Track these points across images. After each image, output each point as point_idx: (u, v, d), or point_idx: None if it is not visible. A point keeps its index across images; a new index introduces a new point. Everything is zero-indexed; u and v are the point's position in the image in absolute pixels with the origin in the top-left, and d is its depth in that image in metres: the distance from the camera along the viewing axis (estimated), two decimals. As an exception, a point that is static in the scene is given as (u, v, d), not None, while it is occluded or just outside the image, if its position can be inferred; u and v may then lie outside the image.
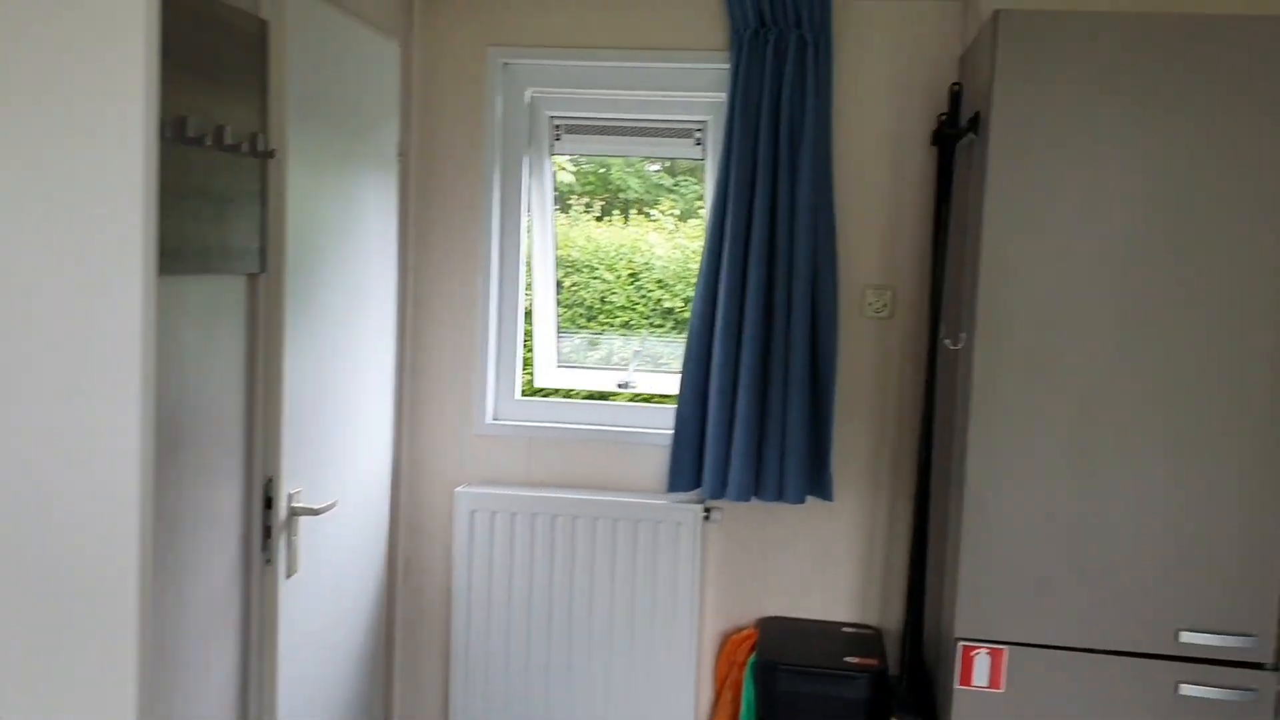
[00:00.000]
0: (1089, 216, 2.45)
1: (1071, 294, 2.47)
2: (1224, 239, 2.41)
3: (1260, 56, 2.37)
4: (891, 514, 3.21)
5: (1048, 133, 2.44)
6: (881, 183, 3.13)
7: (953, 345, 2.72)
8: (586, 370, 3.57)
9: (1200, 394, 2.45)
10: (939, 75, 3.06)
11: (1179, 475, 2.46)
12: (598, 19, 3.20)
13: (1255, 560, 2.46)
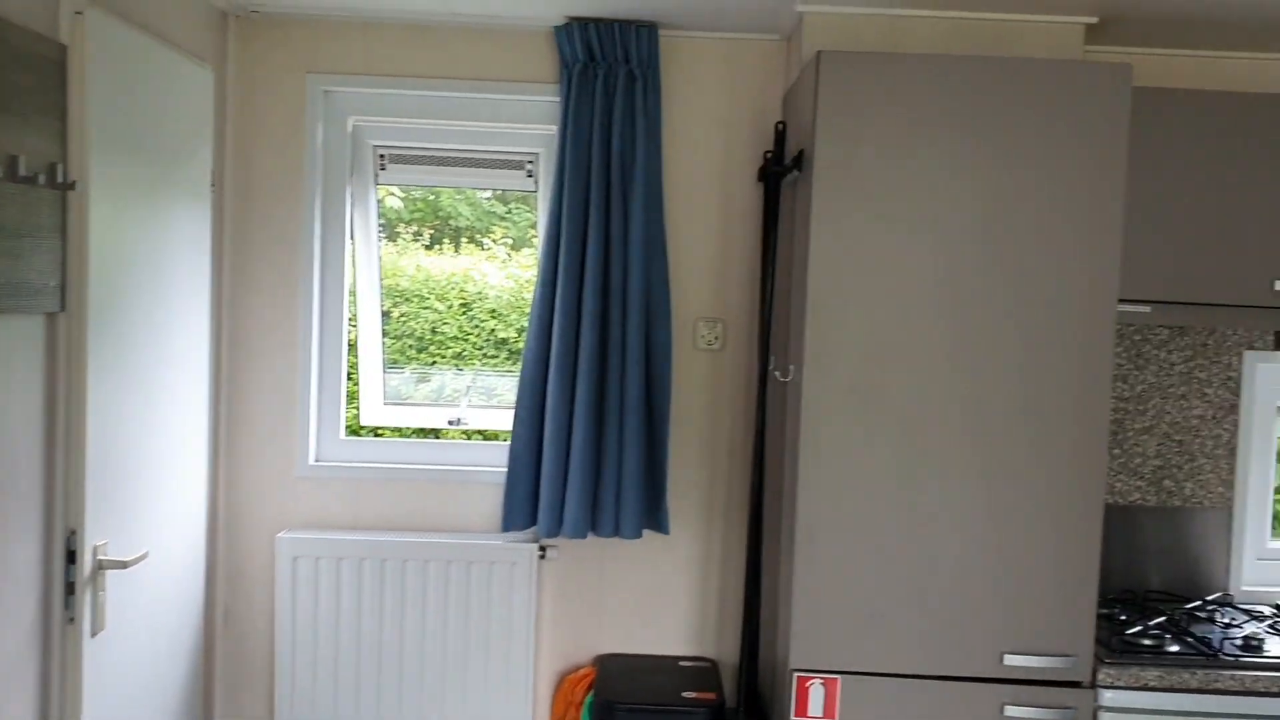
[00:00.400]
0: (908, 251, 2.51)
1: (894, 326, 2.53)
2: (1034, 272, 2.51)
3: (1061, 97, 2.49)
4: (726, 545, 3.22)
5: (869, 170, 2.50)
6: (712, 217, 3.15)
7: (782, 377, 2.75)
8: (416, 407, 3.47)
9: (1015, 423, 2.54)
10: (765, 112, 3.11)
11: (998, 502, 2.54)
12: (423, 49, 3.13)
13: (1071, 583, 2.55)
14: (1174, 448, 3.16)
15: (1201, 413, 3.16)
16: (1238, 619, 2.93)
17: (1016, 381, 2.53)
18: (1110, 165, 2.49)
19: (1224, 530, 3.16)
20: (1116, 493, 3.16)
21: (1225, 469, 3.16)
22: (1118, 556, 3.14)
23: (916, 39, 2.81)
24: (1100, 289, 2.52)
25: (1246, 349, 3.15)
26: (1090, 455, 2.54)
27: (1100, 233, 2.50)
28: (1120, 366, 3.14)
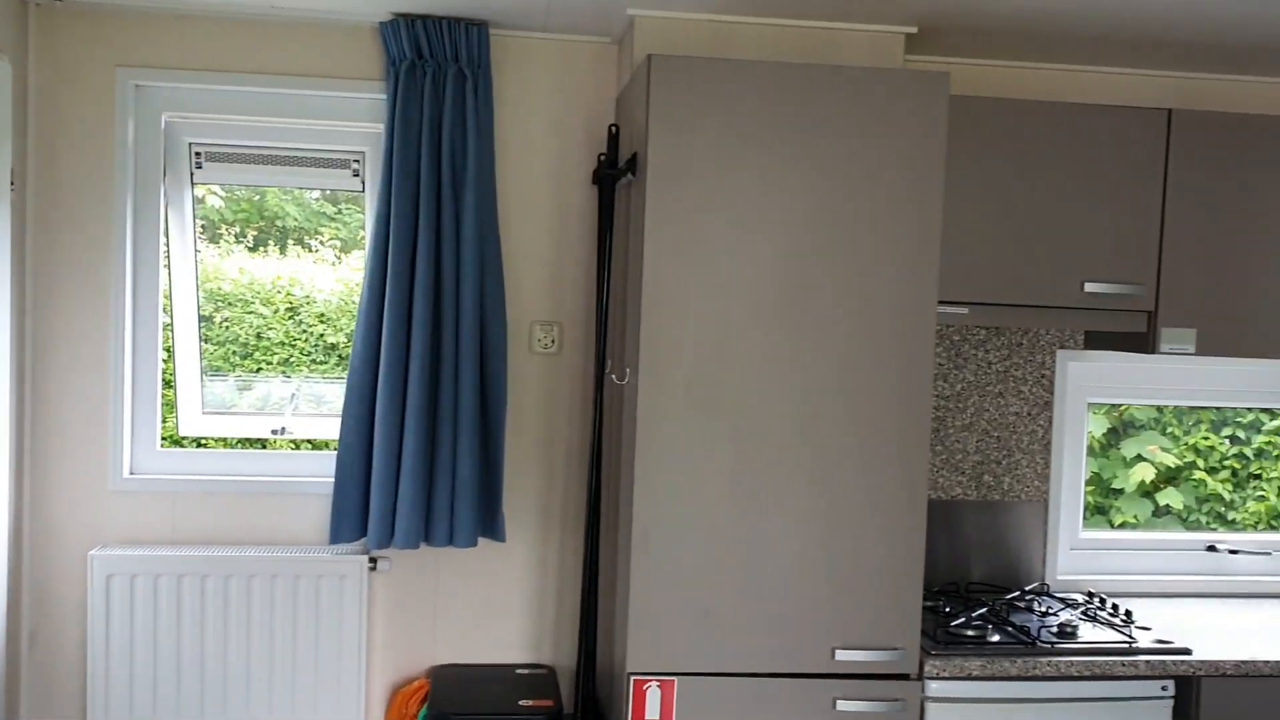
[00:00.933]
0: (742, 253, 2.54)
1: (727, 329, 2.55)
2: (860, 274, 2.57)
3: (882, 104, 2.55)
4: (564, 551, 3.20)
5: (701, 173, 2.51)
6: (547, 219, 3.12)
7: (619, 380, 2.75)
8: (240, 416, 3.33)
9: (844, 423, 2.59)
10: (599, 115, 3.10)
11: (828, 500, 2.59)
12: (242, 43, 3.01)
13: (898, 578, 2.62)
14: (993, 444, 3.28)
15: (1018, 410, 3.29)
16: (1054, 607, 3.06)
17: (845, 382, 2.58)
18: (929, 171, 2.57)
19: (1040, 522, 3.31)
20: (939, 488, 3.27)
21: (1041, 463, 3.31)
22: (942, 550, 3.25)
23: (744, 45, 2.84)
24: (921, 291, 2.59)
25: (1059, 348, 3.30)
26: (914, 452, 2.61)
27: (921, 236, 2.58)
28: (941, 366, 3.25)
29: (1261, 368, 3.40)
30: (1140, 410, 3.65)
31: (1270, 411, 3.66)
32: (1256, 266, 2.97)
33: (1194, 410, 3.67)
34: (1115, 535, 3.55)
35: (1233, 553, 3.43)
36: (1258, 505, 3.67)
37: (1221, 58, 3.12)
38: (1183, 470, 3.67)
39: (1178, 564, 3.43)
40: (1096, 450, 3.61)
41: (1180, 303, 2.93)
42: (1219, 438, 3.70)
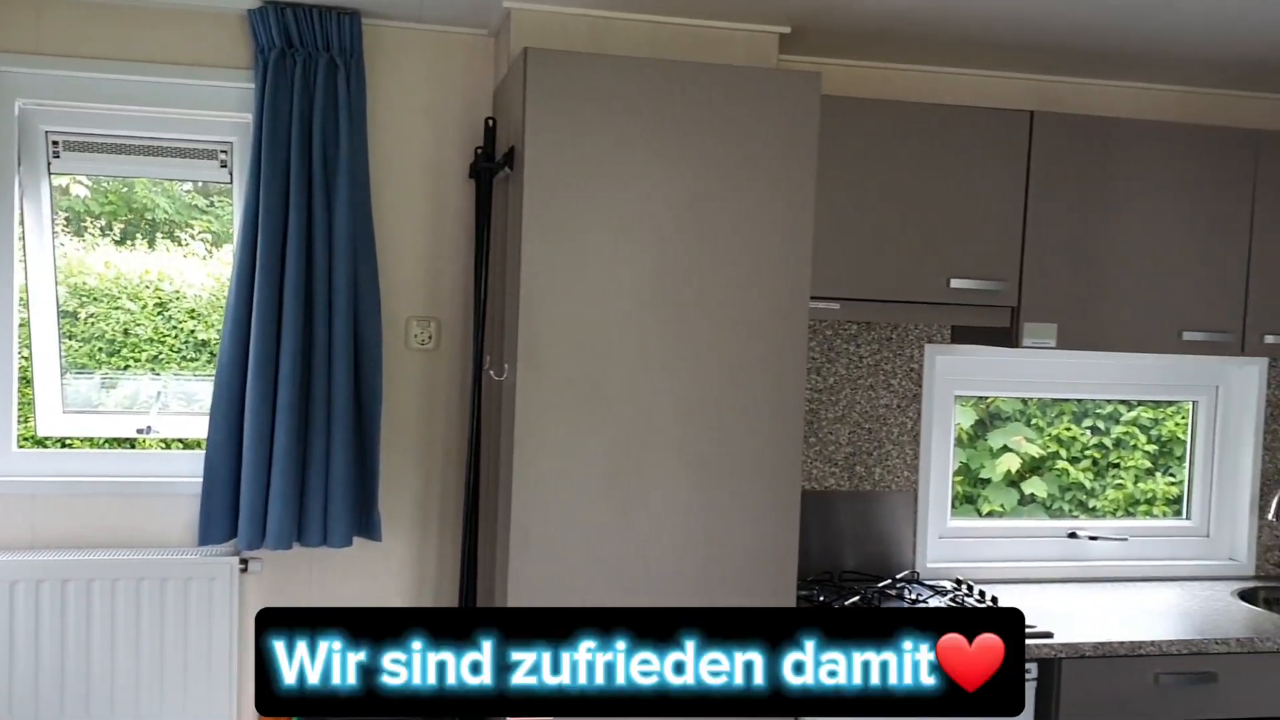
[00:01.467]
0: (620, 248, 2.54)
1: (606, 323, 2.55)
2: (735, 270, 2.60)
3: (757, 102, 2.58)
4: (442, 548, 3.16)
5: (579, 168, 2.51)
6: (423, 213, 3.09)
7: (497, 376, 2.73)
8: (106, 415, 3.21)
9: (720, 416, 2.61)
10: (476, 107, 3.07)
11: (705, 493, 2.61)
12: (102, 28, 2.90)
13: (773, 567, 2.65)
14: (864, 435, 3.36)
15: (888, 402, 3.38)
16: (923, 595, 3.15)
17: (721, 376, 2.61)
18: (802, 168, 2.61)
19: (910, 511, 3.40)
20: (813, 479, 3.33)
21: (910, 454, 3.40)
22: (816, 540, 3.31)
23: (621, 40, 2.84)
24: (794, 287, 2.63)
25: (927, 342, 3.40)
26: (788, 445, 2.66)
27: (794, 233, 2.62)
28: (814, 360, 3.31)
29: (1118, 361, 3.54)
30: (1006, 403, 3.78)
31: (1127, 403, 3.82)
32: (1113, 264, 3.10)
33: (1057, 402, 3.81)
34: (982, 524, 3.67)
35: (1092, 539, 3.58)
36: (1116, 493, 3.83)
37: (1080, 62, 3.25)
38: (1047, 460, 3.81)
39: (1041, 551, 3.56)
40: (965, 441, 3.72)
41: (1041, 299, 3.04)
42: (1080, 429, 3.85)
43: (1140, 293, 3.11)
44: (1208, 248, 3.15)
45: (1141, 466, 3.85)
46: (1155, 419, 3.85)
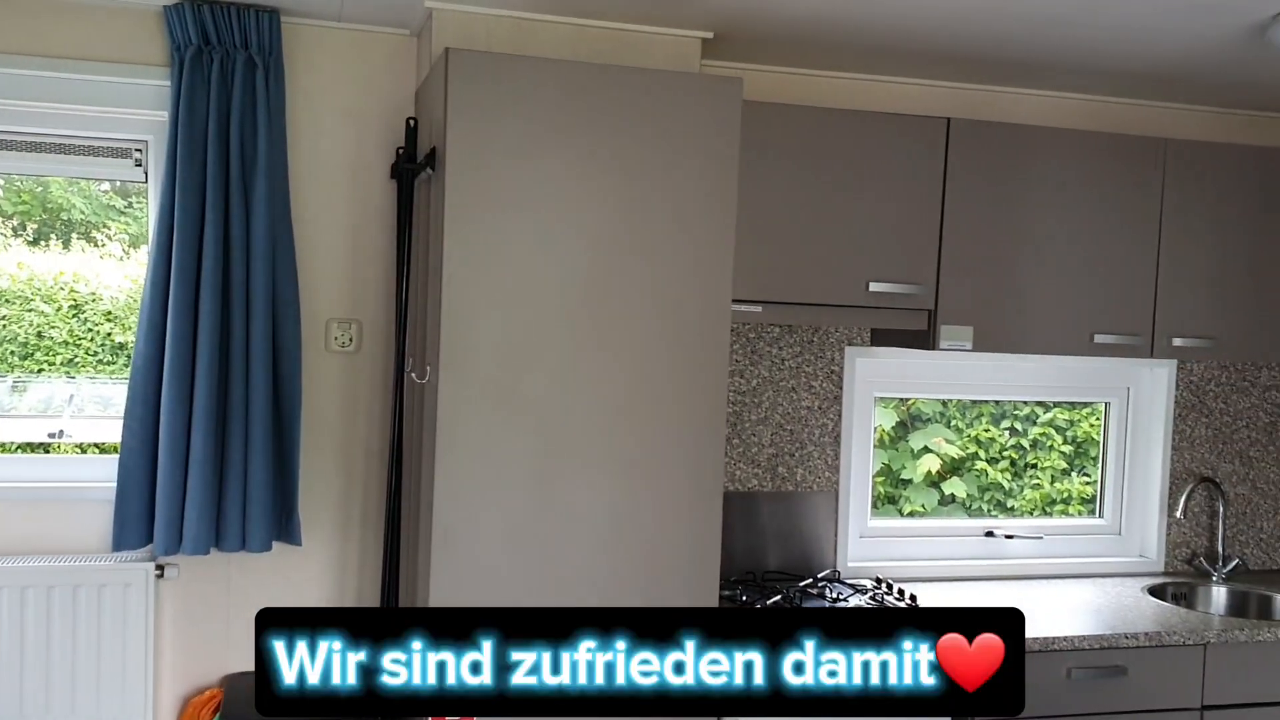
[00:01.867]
0: (543, 250, 2.54)
1: (529, 326, 2.55)
2: (658, 273, 2.61)
3: (679, 107, 2.60)
4: (364, 553, 3.13)
5: (501, 169, 2.51)
6: (344, 214, 3.06)
7: (419, 379, 2.72)
8: (16, 419, 3.14)
9: (643, 418, 2.62)
10: (398, 108, 3.05)
11: (629, 495, 2.62)
12: (14, 21, 2.83)
13: (696, 568, 2.67)
14: (786, 437, 3.40)
15: (810, 404, 3.42)
16: (844, 593, 3.19)
17: (644, 378, 2.62)
18: (724, 173, 2.64)
19: (831, 511, 3.44)
20: (737, 480, 3.36)
21: (831, 455, 3.44)
22: (739, 540, 3.33)
23: (545, 43, 2.84)
24: (717, 290, 2.66)
25: (847, 345, 3.44)
26: (710, 446, 2.68)
27: (716, 236, 2.64)
28: (737, 363, 3.34)
29: (1034, 363, 3.62)
30: (927, 405, 3.84)
31: (1044, 405, 3.91)
32: (1027, 269, 3.17)
33: (976, 404, 3.88)
34: (901, 523, 3.73)
35: (1008, 538, 3.65)
36: (1034, 493, 3.91)
37: (995, 71, 3.32)
38: (966, 461, 3.88)
39: (959, 550, 3.62)
40: (887, 443, 3.78)
41: (958, 302, 3.10)
42: (999, 430, 3.93)
43: (1053, 296, 3.19)
44: (1118, 253, 3.24)
45: (1058, 467, 3.93)
46: (1071, 420, 3.94)
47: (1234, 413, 3.77)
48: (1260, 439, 3.79)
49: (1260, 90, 3.42)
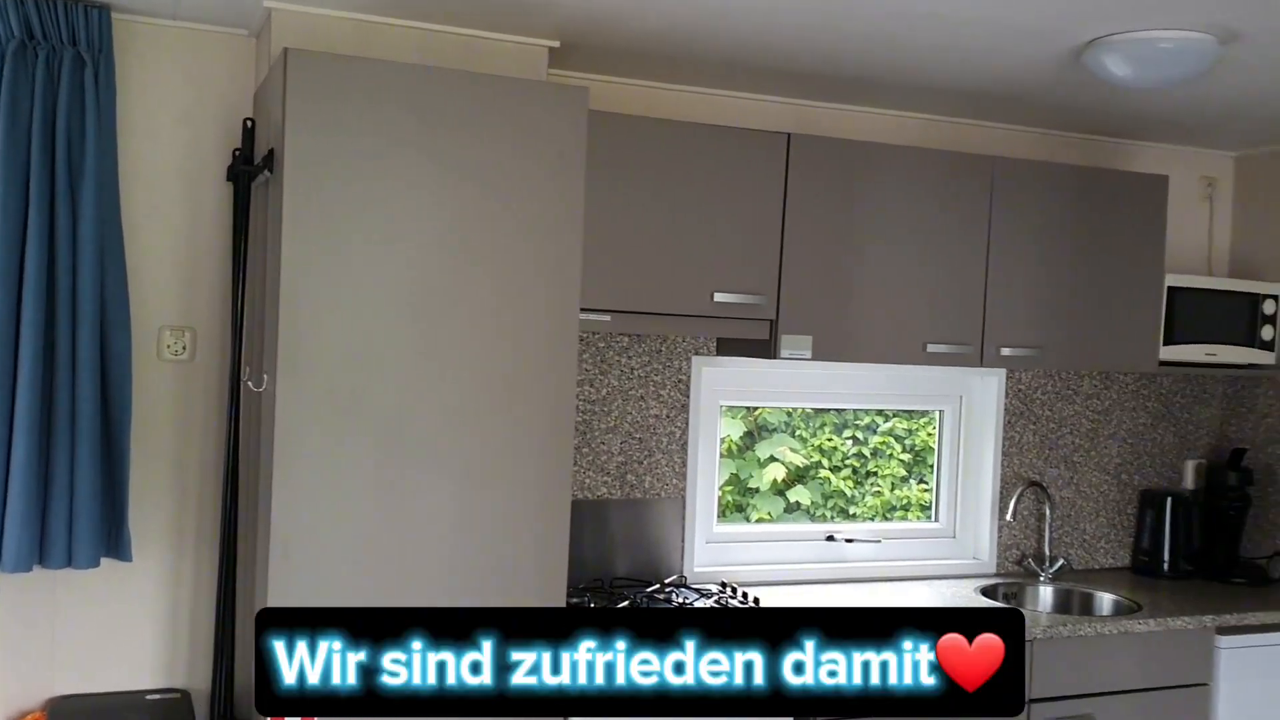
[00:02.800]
0: (385, 256, 2.51)
1: (372, 333, 2.51)
2: (505, 280, 2.61)
3: (525, 114, 2.61)
4: (199, 568, 3.03)
5: (342, 173, 2.47)
6: (178, 217, 2.96)
7: (255, 387, 2.65)
8: None
9: (490, 427, 2.61)
10: (236, 109, 2.97)
11: (475, 504, 2.61)
12: None
13: (544, 576, 2.66)
14: (635, 445, 3.43)
15: (658, 412, 3.46)
16: (690, 598, 3.23)
17: (491, 386, 2.61)
18: (571, 181, 2.65)
19: (679, 518, 3.49)
20: (586, 488, 3.37)
21: (679, 462, 3.49)
22: (589, 548, 3.34)
23: (389, 47, 2.81)
24: (564, 298, 2.67)
25: (694, 354, 3.50)
26: (558, 454, 2.68)
27: (563, 245, 2.65)
28: (587, 372, 3.36)
29: (873, 373, 3.74)
30: (773, 415, 3.93)
31: (884, 414, 4.04)
32: (863, 280, 3.28)
33: (819, 414, 3.99)
34: (746, 528, 3.80)
35: (848, 541, 3.76)
36: (875, 500, 4.04)
37: (833, 89, 3.43)
38: (810, 469, 3.98)
39: (801, 554, 3.71)
40: (735, 453, 3.85)
41: (798, 312, 3.19)
42: (841, 439, 4.04)
43: (888, 307, 3.30)
44: (949, 265, 3.37)
45: (897, 474, 4.07)
46: (909, 429, 4.08)
47: (1059, 419, 3.96)
48: (1083, 444, 4.00)
49: (1080, 113, 3.63)
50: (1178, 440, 4.13)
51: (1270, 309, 3.83)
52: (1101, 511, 4.03)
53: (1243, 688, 3.42)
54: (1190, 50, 2.72)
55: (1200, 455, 4.15)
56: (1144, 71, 2.79)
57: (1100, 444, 4.02)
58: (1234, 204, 4.19)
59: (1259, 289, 3.84)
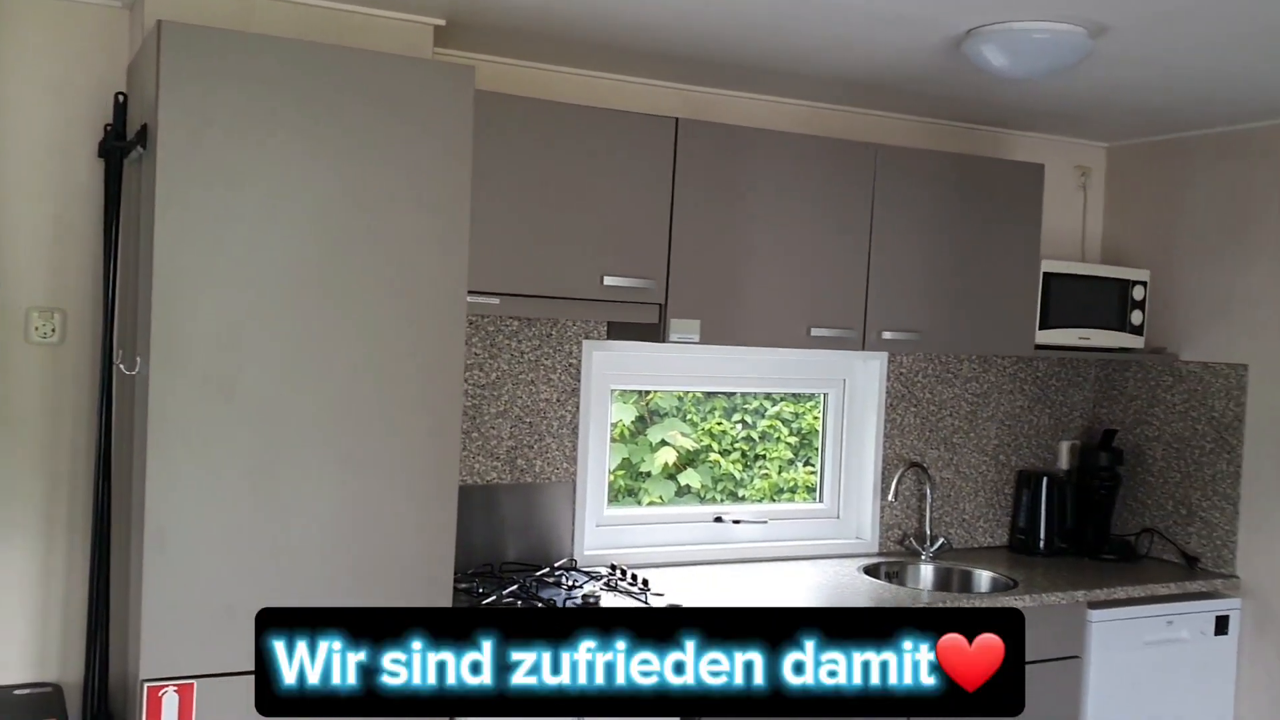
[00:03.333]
0: (265, 236, 2.46)
1: (250, 315, 2.46)
2: (389, 262, 2.57)
3: (410, 93, 2.58)
4: (71, 558, 2.92)
5: (219, 150, 2.40)
6: (46, 194, 2.85)
7: (128, 370, 2.57)
8: None
9: (375, 411, 2.58)
10: (109, 83, 2.86)
11: (360, 489, 2.57)
12: None
13: (430, 562, 2.63)
14: (526, 429, 3.42)
15: (548, 396, 3.45)
16: (580, 581, 3.24)
17: (376, 370, 2.58)
18: (457, 162, 2.62)
19: (569, 502, 3.49)
20: (476, 473, 3.35)
21: (569, 446, 3.49)
22: (479, 533, 3.33)
23: (267, 22, 2.74)
24: (451, 281, 2.64)
25: (584, 338, 3.50)
26: (446, 439, 2.66)
27: (450, 226, 2.63)
28: (476, 356, 3.33)
29: (761, 356, 3.78)
30: (664, 400, 3.95)
31: (771, 398, 4.10)
32: (750, 265, 3.31)
33: (710, 399, 4.03)
34: (636, 511, 3.82)
35: (736, 523, 3.80)
36: (763, 482, 4.09)
37: (721, 74, 3.45)
38: (701, 454, 4.01)
39: (690, 535, 3.74)
40: (627, 437, 3.86)
41: (687, 296, 3.21)
42: (730, 423, 4.09)
43: (774, 291, 3.35)
44: (833, 251, 3.43)
45: (784, 457, 4.13)
46: (796, 413, 4.14)
47: (939, 402, 4.07)
48: (962, 426, 4.11)
49: (961, 103, 3.72)
50: (1053, 422, 4.27)
51: (1140, 294, 3.98)
52: (980, 492, 4.15)
53: (1112, 659, 3.56)
54: (1062, 42, 2.80)
55: (1074, 436, 4.30)
56: (1019, 62, 2.87)
57: (979, 426, 4.14)
58: (1106, 193, 4.35)
59: (1129, 275, 3.99)
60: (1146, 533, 4.09)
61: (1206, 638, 3.74)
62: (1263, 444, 3.77)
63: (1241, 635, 3.79)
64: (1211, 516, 3.90)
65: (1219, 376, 3.89)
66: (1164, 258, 4.08)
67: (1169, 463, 4.05)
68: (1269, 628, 3.74)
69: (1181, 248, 4.04)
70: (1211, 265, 3.94)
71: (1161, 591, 3.68)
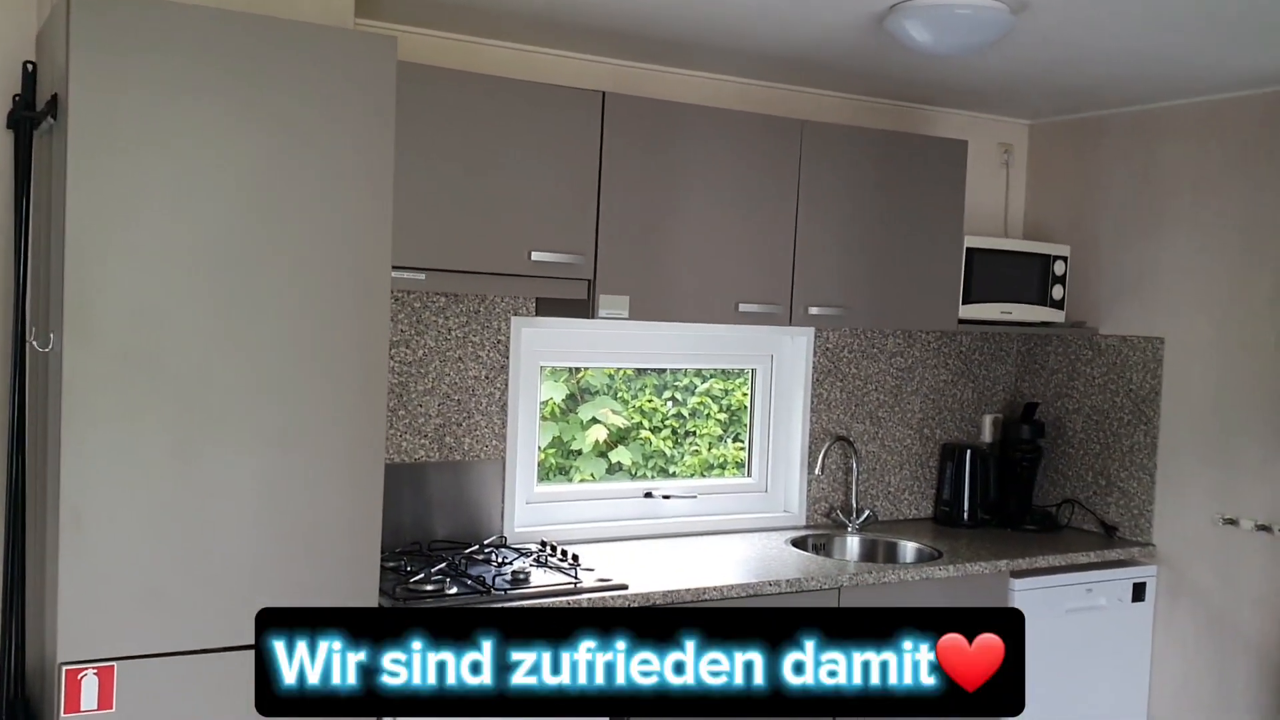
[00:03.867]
0: (182, 209, 2.40)
1: (169, 289, 2.40)
2: (311, 236, 2.53)
3: (330, 64, 2.52)
4: (-16, 541, 2.85)
5: (134, 121, 2.34)
6: (-47, 168, 2.76)
7: (41, 347, 2.50)
8: None
9: (297, 389, 2.53)
10: (15, 50, 2.77)
11: (283, 468, 2.52)
12: None
13: (356, 540, 2.59)
14: (454, 406, 3.39)
15: (477, 373, 3.43)
16: (510, 557, 3.23)
17: (298, 346, 2.53)
18: (380, 134, 2.58)
19: (499, 479, 3.47)
20: (403, 451, 3.32)
21: (498, 424, 3.47)
22: (407, 511, 3.30)
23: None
24: (374, 255, 2.60)
25: (513, 315, 3.48)
26: (370, 416, 2.62)
27: (373, 200, 2.58)
28: (403, 333, 3.30)
29: (690, 332, 3.79)
30: (595, 377, 3.95)
31: (701, 375, 4.11)
32: (678, 240, 3.32)
33: (640, 376, 4.03)
34: (566, 488, 3.82)
35: (666, 498, 3.82)
36: (694, 459, 4.11)
37: (650, 49, 3.45)
38: (631, 431, 4.02)
39: (620, 511, 3.75)
40: (558, 415, 3.85)
41: (615, 272, 3.20)
42: (661, 400, 4.10)
43: (702, 267, 3.36)
44: (760, 226, 3.45)
45: (714, 434, 4.15)
46: (726, 390, 4.17)
47: (864, 377, 4.12)
48: (888, 401, 4.17)
49: (886, 80, 3.75)
50: (976, 396, 4.35)
51: (1060, 269, 4.06)
52: (905, 465, 4.22)
53: (1034, 626, 3.52)
54: (985, 18, 2.84)
55: (997, 410, 4.38)
56: (942, 37, 2.90)
57: (904, 400, 4.19)
58: (1028, 170, 4.42)
59: (1050, 250, 4.07)
60: (1067, 503, 4.18)
61: (1124, 604, 3.85)
62: (1178, 416, 3.87)
63: (1157, 601, 3.90)
64: (1129, 487, 4.00)
65: (1136, 350, 3.99)
66: (1084, 233, 4.17)
67: (1088, 435, 4.15)
68: (1182, 594, 3.85)
69: (1101, 224, 4.13)
70: (1129, 241, 4.03)
71: (1081, 560, 3.77)
